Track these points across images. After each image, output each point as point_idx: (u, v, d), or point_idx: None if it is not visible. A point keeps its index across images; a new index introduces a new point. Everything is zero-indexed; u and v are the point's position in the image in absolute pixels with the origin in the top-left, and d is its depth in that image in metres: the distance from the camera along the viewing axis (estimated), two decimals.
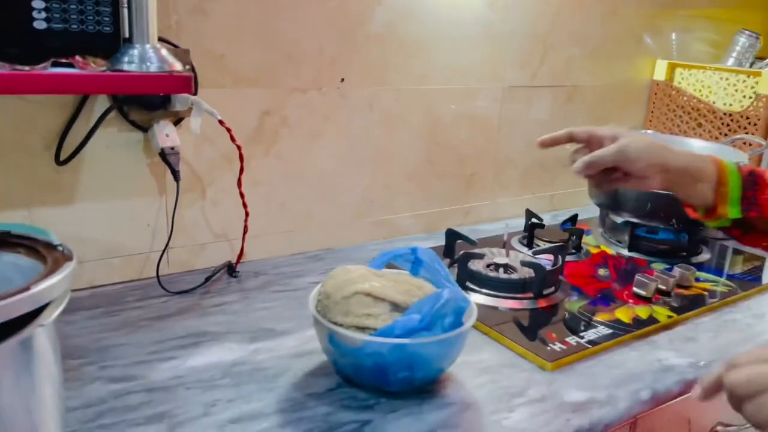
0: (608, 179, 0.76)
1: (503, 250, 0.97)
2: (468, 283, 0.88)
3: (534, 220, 1.11)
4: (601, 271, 1.00)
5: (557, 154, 1.30)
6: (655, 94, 1.42)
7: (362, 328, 0.61)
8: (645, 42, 1.39)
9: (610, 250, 1.09)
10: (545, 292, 0.88)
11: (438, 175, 1.15)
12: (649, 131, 1.35)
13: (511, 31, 1.15)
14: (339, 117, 1.00)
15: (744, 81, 1.27)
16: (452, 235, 0.98)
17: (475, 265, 0.90)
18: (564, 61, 1.25)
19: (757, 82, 1.24)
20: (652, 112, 1.43)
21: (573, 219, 1.12)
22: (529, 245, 1.07)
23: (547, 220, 1.26)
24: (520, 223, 1.15)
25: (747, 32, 1.41)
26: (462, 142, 1.16)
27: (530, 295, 0.87)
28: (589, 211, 1.26)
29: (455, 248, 0.98)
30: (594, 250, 1.09)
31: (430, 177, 1.14)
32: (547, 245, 1.04)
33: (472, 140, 1.17)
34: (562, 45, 1.24)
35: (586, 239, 1.14)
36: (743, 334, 0.83)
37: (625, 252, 1.08)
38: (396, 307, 0.64)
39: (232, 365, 0.68)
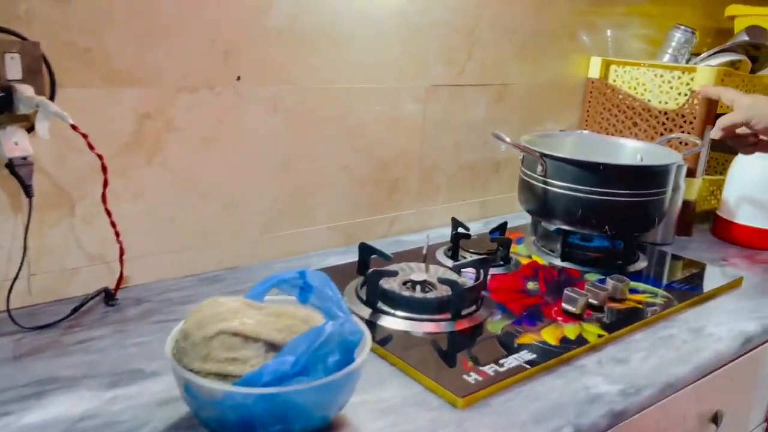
0: (746, 143, 0.94)
1: (422, 265, 0.88)
2: (380, 305, 0.79)
3: (460, 229, 1.02)
4: (530, 285, 0.91)
5: (488, 156, 1.22)
6: (591, 92, 1.35)
7: (224, 376, 0.50)
8: (581, 38, 1.32)
9: (542, 260, 1.01)
10: (464, 311, 0.79)
11: (357, 182, 1.05)
12: (585, 131, 1.29)
13: (432, 25, 1.06)
14: (237, 119, 0.89)
15: (679, 78, 1.21)
16: (366, 250, 0.88)
17: (389, 284, 0.81)
18: (492, 57, 1.17)
19: (692, 79, 1.18)
20: (587, 111, 1.37)
21: (502, 227, 1.04)
22: (454, 257, 0.98)
23: (479, 228, 1.18)
24: (449, 232, 1.06)
25: (682, 27, 1.37)
26: (382, 146, 1.07)
27: (448, 315, 0.77)
28: (523, 217, 1.19)
29: (370, 264, 0.88)
30: (524, 261, 1.01)
31: (347, 184, 1.04)
32: (473, 257, 0.96)
33: (393, 143, 1.08)
34: (490, 40, 1.16)
35: (517, 248, 1.06)
36: (678, 353, 0.76)
37: (558, 262, 1.00)
38: (272, 347, 0.53)
39: (78, 420, 0.56)
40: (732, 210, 1.19)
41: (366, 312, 0.78)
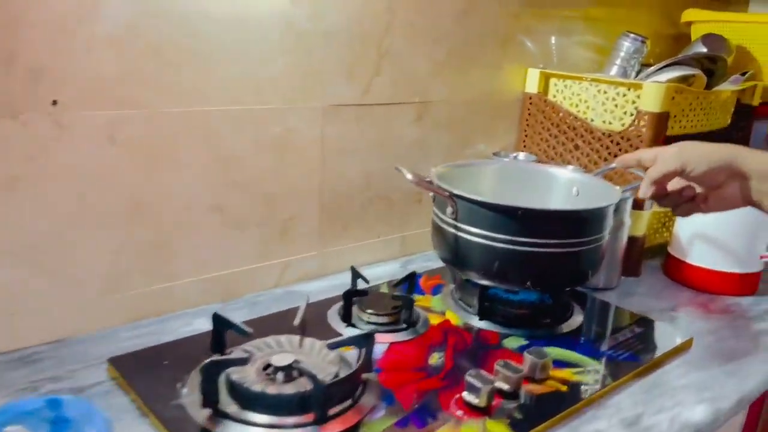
0: (680, 199, 0.73)
1: (296, 339, 0.70)
2: (222, 404, 0.60)
3: (361, 282, 0.84)
4: (435, 358, 0.74)
5: (407, 185, 1.04)
6: (528, 109, 1.19)
7: None
8: (517, 47, 1.16)
9: (457, 319, 0.84)
10: (335, 410, 0.61)
11: (234, 224, 0.86)
12: (521, 155, 1.12)
13: (327, 33, 0.88)
14: (57, 155, 0.69)
15: (624, 95, 1.05)
16: (221, 323, 0.69)
17: (241, 373, 0.62)
18: (407, 71, 1.00)
19: (638, 96, 1.02)
20: (525, 131, 1.20)
21: (410, 278, 0.86)
22: (347, 320, 0.80)
23: (395, 270, 1.02)
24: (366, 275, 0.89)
25: (632, 35, 1.21)
26: (268, 180, 0.88)
27: (313, 417, 0.59)
28: None
29: (225, 340, 0.70)
30: (435, 320, 0.83)
31: (222, 228, 0.85)
32: (373, 321, 0.78)
33: (283, 176, 0.90)
34: (404, 51, 0.98)
35: (431, 301, 0.89)
36: None
37: (476, 321, 0.83)
38: None
39: None
40: (684, 248, 1.03)
41: (201, 415, 0.59)
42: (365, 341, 0.66)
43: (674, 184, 0.72)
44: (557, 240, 0.76)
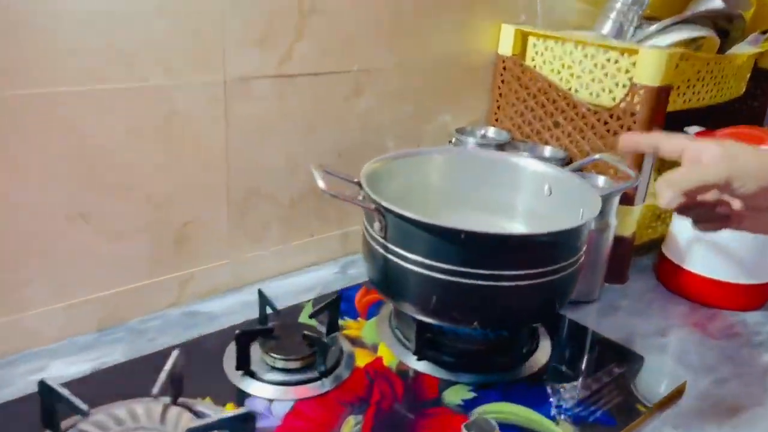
0: (712, 215, 0.54)
1: (158, 409, 0.53)
2: None
3: (269, 309, 0.67)
4: (350, 425, 0.57)
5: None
6: (501, 75, 0.98)
7: None
8: None
9: (392, 356, 0.67)
10: None
11: (112, 234, 0.68)
12: (491, 131, 0.92)
13: None
14: None
15: (616, 62, 0.84)
16: (49, 394, 0.51)
17: None
18: (341, 33, 0.79)
19: (633, 64, 0.81)
20: (497, 102, 0.99)
21: (332, 305, 0.68)
22: (243, 367, 0.62)
23: (331, 277, 0.85)
24: (286, 289, 0.72)
25: None
26: (152, 177, 0.69)
27: None
28: None
29: (58, 414, 0.52)
30: (365, 359, 0.66)
31: (94, 240, 0.67)
32: (279, 368, 0.61)
33: (173, 171, 0.70)
34: (335, 9, 0.77)
35: (363, 328, 0.71)
36: None
37: (413, 362, 0.66)
38: None
39: None
40: (681, 251, 0.85)
41: None
42: (242, 425, 0.49)
43: (707, 195, 0.53)
44: (513, 271, 0.57)
